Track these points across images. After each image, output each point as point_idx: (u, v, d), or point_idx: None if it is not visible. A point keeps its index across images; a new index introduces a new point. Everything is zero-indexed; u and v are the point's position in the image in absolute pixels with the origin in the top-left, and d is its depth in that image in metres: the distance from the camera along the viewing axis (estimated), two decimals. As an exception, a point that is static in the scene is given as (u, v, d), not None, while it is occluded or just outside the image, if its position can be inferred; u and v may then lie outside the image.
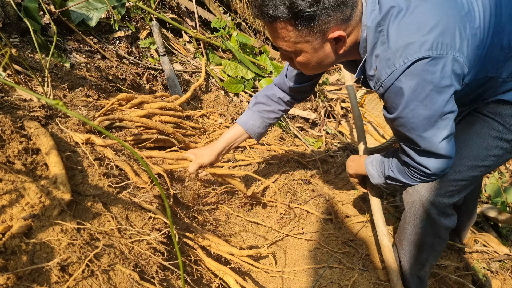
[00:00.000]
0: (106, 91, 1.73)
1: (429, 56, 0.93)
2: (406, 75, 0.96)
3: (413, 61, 0.93)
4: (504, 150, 1.21)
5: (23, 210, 0.84)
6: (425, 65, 0.93)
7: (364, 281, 1.50)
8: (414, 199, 1.32)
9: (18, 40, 1.71)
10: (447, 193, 1.26)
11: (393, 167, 1.27)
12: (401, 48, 0.94)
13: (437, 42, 0.93)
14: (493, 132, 1.20)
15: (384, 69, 0.99)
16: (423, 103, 0.98)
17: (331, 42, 1.02)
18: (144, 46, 2.49)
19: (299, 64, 1.11)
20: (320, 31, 0.97)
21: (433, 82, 0.95)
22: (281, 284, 1.46)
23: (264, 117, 1.53)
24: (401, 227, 1.46)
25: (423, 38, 0.93)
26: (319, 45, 1.02)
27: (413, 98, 0.98)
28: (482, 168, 1.23)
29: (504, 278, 1.81)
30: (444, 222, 1.31)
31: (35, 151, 1.00)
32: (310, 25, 0.95)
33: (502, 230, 2.21)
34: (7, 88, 1.24)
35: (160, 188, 0.50)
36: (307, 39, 0.99)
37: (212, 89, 2.62)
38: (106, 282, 0.84)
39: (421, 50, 0.93)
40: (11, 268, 0.74)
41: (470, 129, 1.25)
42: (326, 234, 1.77)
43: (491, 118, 1.20)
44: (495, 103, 1.19)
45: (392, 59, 0.96)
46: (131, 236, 0.99)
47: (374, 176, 1.37)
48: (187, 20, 3.06)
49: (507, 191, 2.27)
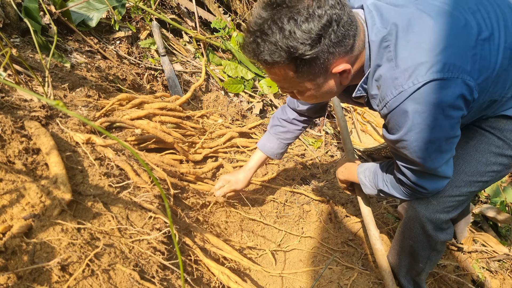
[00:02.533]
0: (106, 91, 1.74)
1: (440, 79, 0.86)
2: (414, 98, 0.89)
3: (423, 84, 0.87)
4: (503, 165, 1.17)
5: (24, 210, 0.85)
6: (435, 88, 0.87)
7: (364, 280, 1.50)
8: (411, 215, 1.30)
9: (18, 41, 1.72)
10: (444, 209, 1.23)
11: (387, 182, 1.24)
12: (410, 68, 0.87)
13: (448, 64, 0.86)
14: (493, 147, 1.15)
15: (390, 89, 0.91)
16: (429, 127, 0.92)
17: (335, 76, 0.95)
18: (144, 46, 2.49)
19: (302, 98, 1.05)
20: (322, 68, 0.90)
21: (442, 107, 0.89)
22: (280, 284, 1.46)
23: (281, 138, 1.58)
24: (397, 238, 1.44)
25: (435, 59, 0.86)
26: (322, 81, 0.95)
27: (420, 121, 0.92)
28: (480, 184, 1.20)
29: (503, 278, 1.81)
30: (441, 236, 1.29)
31: (35, 151, 1.00)
32: (312, 65, 0.88)
33: (501, 229, 2.21)
34: (8, 88, 1.24)
35: (160, 188, 0.50)
36: (309, 77, 0.93)
37: (212, 89, 2.62)
38: (107, 282, 0.84)
39: (432, 72, 0.86)
40: (11, 268, 0.74)
41: (468, 143, 1.20)
42: (326, 233, 1.78)
43: (490, 133, 1.15)
44: (496, 117, 1.14)
45: (400, 79, 0.89)
46: (131, 236, 0.99)
47: (366, 186, 1.34)
48: (187, 21, 3.06)
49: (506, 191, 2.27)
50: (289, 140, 1.59)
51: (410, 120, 0.92)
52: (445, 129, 0.94)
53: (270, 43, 0.84)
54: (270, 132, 1.60)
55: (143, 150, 1.58)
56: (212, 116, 2.15)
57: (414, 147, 0.98)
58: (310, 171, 2.27)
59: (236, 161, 2.01)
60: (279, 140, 1.58)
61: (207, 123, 2.05)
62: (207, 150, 1.87)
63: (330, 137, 2.85)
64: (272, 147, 1.58)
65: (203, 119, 2.04)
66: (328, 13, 0.81)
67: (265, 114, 2.75)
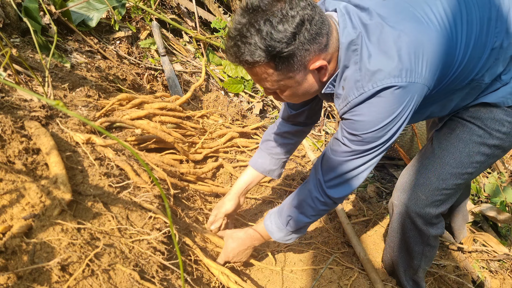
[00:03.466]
0: (106, 91, 1.74)
1: (397, 84, 0.93)
2: (372, 101, 0.96)
3: (382, 88, 0.93)
4: (485, 155, 1.20)
5: (24, 210, 0.85)
6: (392, 92, 0.94)
7: (364, 281, 1.50)
8: (400, 211, 1.31)
9: (18, 41, 1.72)
10: (433, 203, 1.25)
11: (295, 203, 1.24)
12: (370, 72, 0.94)
13: (406, 69, 0.92)
14: (474, 137, 1.18)
15: (352, 90, 0.98)
16: (382, 129, 1.00)
17: (313, 72, 1.01)
18: (144, 46, 2.49)
19: (285, 97, 1.09)
20: (300, 65, 0.96)
21: (397, 110, 0.97)
22: (280, 284, 1.46)
23: (272, 153, 1.51)
24: (390, 235, 1.45)
25: (393, 64, 0.92)
26: (302, 78, 1.00)
27: (375, 123, 0.99)
28: (465, 176, 1.22)
29: (503, 278, 1.81)
30: (432, 231, 1.31)
31: (35, 151, 1.00)
32: (290, 62, 0.93)
33: (501, 229, 2.21)
34: (8, 88, 1.24)
35: (160, 188, 0.50)
36: (289, 75, 0.98)
37: (212, 89, 2.62)
38: (107, 282, 0.84)
39: (389, 76, 0.92)
40: (11, 268, 0.74)
41: (451, 135, 1.23)
42: (326, 233, 1.78)
43: (471, 123, 1.18)
44: (475, 106, 1.17)
45: (361, 81, 0.96)
46: (132, 236, 0.99)
47: (273, 231, 1.30)
48: (187, 21, 3.06)
49: (506, 191, 2.27)
50: (281, 155, 1.52)
51: (366, 120, 1.00)
52: (394, 131, 1.02)
53: (250, 44, 0.89)
54: (261, 148, 1.54)
55: (143, 150, 1.58)
56: (212, 116, 2.16)
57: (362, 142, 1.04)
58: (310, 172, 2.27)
59: (236, 161, 2.01)
60: (270, 156, 1.51)
61: (207, 123, 2.05)
62: (207, 150, 1.87)
63: (330, 137, 2.85)
64: (264, 162, 1.51)
65: (203, 119, 2.04)
66: (300, 14, 0.88)
67: (265, 114, 2.75)
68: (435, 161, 1.24)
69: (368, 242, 1.81)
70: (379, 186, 2.44)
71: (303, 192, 1.23)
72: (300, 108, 1.41)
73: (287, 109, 1.44)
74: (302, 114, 1.43)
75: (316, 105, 1.43)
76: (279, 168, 1.55)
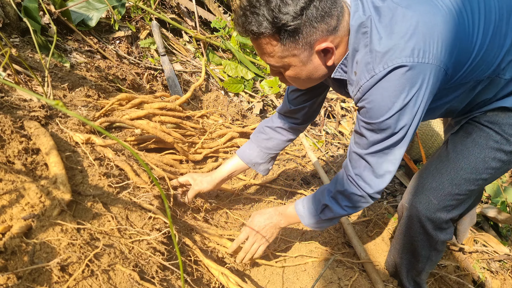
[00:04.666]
0: (106, 91, 1.73)
1: (408, 64, 0.90)
2: (384, 85, 0.94)
3: (393, 68, 0.91)
4: (502, 162, 1.16)
5: (23, 210, 0.84)
6: (404, 73, 0.91)
7: (364, 281, 1.50)
8: (411, 214, 1.29)
9: (18, 40, 1.71)
10: (445, 208, 1.22)
11: (331, 191, 1.22)
12: (381, 54, 0.92)
13: (418, 49, 0.90)
14: (491, 142, 1.15)
15: (364, 74, 0.96)
16: (398, 114, 0.96)
17: (319, 54, 0.99)
18: (144, 46, 2.49)
19: (289, 79, 1.08)
20: (306, 43, 0.95)
21: (411, 92, 0.93)
22: (280, 284, 1.45)
23: (262, 146, 1.49)
24: (397, 237, 1.44)
25: (404, 44, 0.90)
26: (306, 58, 0.99)
27: (389, 108, 0.96)
28: (479, 181, 1.19)
29: (504, 278, 1.81)
30: (441, 236, 1.28)
31: (35, 151, 1.00)
32: (295, 38, 0.93)
33: (501, 230, 2.21)
34: (7, 88, 1.24)
35: (160, 188, 0.50)
36: (294, 52, 0.97)
37: (212, 89, 2.62)
38: (106, 282, 0.84)
39: (401, 56, 0.90)
40: (11, 268, 0.74)
41: (467, 139, 1.20)
42: (327, 234, 1.77)
43: (488, 128, 1.15)
44: (493, 111, 1.15)
45: (372, 63, 0.94)
46: (131, 236, 0.99)
47: (305, 216, 1.28)
48: (187, 20, 3.06)
49: (507, 191, 2.27)
50: (271, 150, 1.49)
51: (381, 103, 0.96)
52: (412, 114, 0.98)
53: (258, 15, 0.90)
54: (252, 140, 1.52)
55: (143, 150, 1.58)
56: (212, 116, 2.15)
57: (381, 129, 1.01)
58: (311, 172, 2.27)
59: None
60: (259, 148, 1.49)
61: (207, 123, 2.05)
62: (207, 150, 1.86)
63: (330, 137, 2.85)
64: (252, 154, 1.49)
65: (203, 119, 2.04)
66: None
67: (265, 114, 2.75)
68: (449, 165, 1.21)
69: (369, 242, 1.80)
70: (379, 186, 2.43)
71: (340, 184, 1.19)
72: (301, 104, 1.39)
73: (287, 104, 1.42)
74: (301, 111, 1.41)
75: (316, 103, 1.42)
76: (266, 163, 1.53)
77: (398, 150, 1.06)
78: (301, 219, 1.29)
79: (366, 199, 1.16)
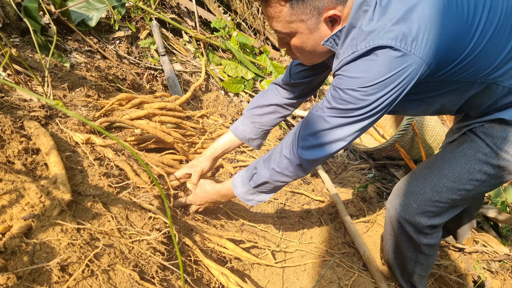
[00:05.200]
0: (106, 91, 1.73)
1: (391, 46, 0.88)
2: (363, 59, 0.92)
3: (374, 47, 0.89)
4: (487, 175, 1.14)
5: (23, 210, 0.84)
6: (385, 54, 0.89)
7: (364, 281, 1.50)
8: (391, 215, 1.29)
9: (18, 40, 1.71)
10: (425, 213, 1.21)
11: (268, 155, 1.20)
12: (366, 32, 0.91)
13: (403, 34, 0.87)
14: (479, 154, 1.13)
15: (347, 49, 0.95)
16: (364, 91, 0.94)
17: (327, 23, 0.98)
18: (144, 46, 2.49)
19: (294, 49, 1.06)
20: (314, 8, 0.93)
21: (386, 75, 0.91)
22: (281, 285, 1.45)
23: (255, 122, 1.47)
24: (385, 237, 1.44)
25: (390, 27, 0.88)
26: (314, 25, 0.98)
27: (359, 82, 0.94)
28: (462, 192, 1.17)
29: (504, 278, 1.81)
30: (424, 240, 1.26)
31: (35, 151, 1.00)
32: (303, 1, 0.92)
33: (502, 230, 2.21)
34: (7, 88, 1.24)
35: (160, 188, 0.50)
36: (301, 18, 0.95)
37: (212, 89, 2.62)
38: (106, 282, 0.84)
39: (383, 37, 0.88)
40: (11, 268, 0.74)
41: (458, 148, 1.18)
42: (327, 234, 1.77)
43: (481, 139, 1.13)
44: (491, 122, 1.12)
45: (356, 39, 0.93)
46: (131, 236, 0.99)
47: (237, 185, 1.27)
48: (187, 20, 3.06)
49: (507, 191, 2.27)
50: (264, 126, 1.47)
51: (354, 79, 0.95)
52: (373, 97, 0.95)
53: None
54: (245, 115, 1.50)
55: (143, 150, 1.58)
56: (212, 116, 2.15)
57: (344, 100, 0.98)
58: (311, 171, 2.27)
59: (236, 161, 2.01)
60: (253, 124, 1.47)
61: (207, 123, 2.05)
62: (207, 150, 1.86)
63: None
64: (245, 130, 1.47)
65: (203, 119, 2.04)
66: None
67: (265, 114, 2.74)
68: (433, 172, 1.21)
69: (369, 242, 1.80)
70: (380, 186, 2.44)
71: (280, 145, 1.18)
72: (301, 79, 1.38)
73: (288, 76, 1.40)
74: (299, 86, 1.40)
75: (316, 82, 1.40)
76: (260, 139, 1.51)
77: (353, 127, 1.02)
78: (233, 189, 1.27)
79: (294, 167, 1.12)
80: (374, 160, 2.75)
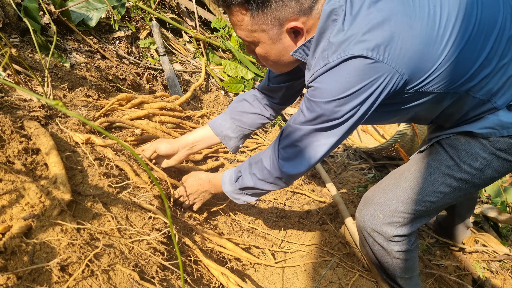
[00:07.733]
0: (106, 91, 1.73)
1: (363, 56, 0.86)
2: (335, 69, 0.91)
3: (346, 58, 0.88)
4: (451, 187, 1.13)
5: (23, 210, 0.84)
6: (357, 64, 0.88)
7: (365, 281, 1.50)
8: (359, 224, 1.30)
9: (18, 40, 1.71)
10: (391, 223, 1.20)
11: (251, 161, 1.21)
12: (337, 43, 0.89)
13: (375, 44, 0.86)
14: (443, 167, 1.12)
15: (319, 61, 0.93)
16: (339, 101, 0.93)
17: (290, 35, 0.97)
18: (144, 46, 2.49)
19: (260, 57, 1.06)
20: (275, 19, 0.92)
21: (359, 85, 0.90)
22: (280, 285, 1.45)
23: (235, 119, 1.43)
24: (359, 244, 1.43)
25: (361, 36, 0.87)
26: (276, 36, 0.97)
27: (333, 93, 0.93)
28: (426, 203, 1.17)
29: (504, 278, 1.81)
30: (394, 247, 1.25)
31: (35, 151, 1.00)
32: (264, 11, 0.91)
33: (502, 230, 2.21)
34: (7, 88, 1.24)
35: (160, 188, 0.50)
36: (263, 27, 0.95)
37: (212, 89, 2.62)
38: (106, 282, 0.84)
39: (354, 48, 0.87)
40: (11, 268, 0.74)
41: (424, 160, 1.18)
42: (327, 234, 1.77)
43: (445, 151, 1.13)
44: (458, 134, 1.11)
45: (327, 51, 0.91)
46: (131, 236, 0.99)
47: (225, 183, 1.29)
48: (187, 20, 3.06)
49: (507, 191, 2.27)
50: (245, 125, 1.43)
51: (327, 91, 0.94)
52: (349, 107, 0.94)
53: None
54: (226, 111, 1.46)
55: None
56: (212, 116, 2.15)
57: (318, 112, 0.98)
58: (311, 171, 2.27)
59: (236, 161, 2.01)
60: (232, 120, 1.43)
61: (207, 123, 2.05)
62: (207, 150, 1.86)
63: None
64: (224, 125, 1.42)
65: (203, 119, 2.04)
66: None
67: (265, 114, 2.75)
68: (399, 184, 1.20)
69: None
70: (380, 186, 2.43)
71: (263, 153, 1.19)
72: (280, 84, 1.36)
73: (267, 81, 1.39)
74: (279, 91, 1.38)
75: (294, 87, 1.38)
76: (237, 139, 1.47)
77: (329, 137, 1.02)
78: (222, 185, 1.29)
79: (273, 178, 1.15)
80: (374, 160, 2.75)
